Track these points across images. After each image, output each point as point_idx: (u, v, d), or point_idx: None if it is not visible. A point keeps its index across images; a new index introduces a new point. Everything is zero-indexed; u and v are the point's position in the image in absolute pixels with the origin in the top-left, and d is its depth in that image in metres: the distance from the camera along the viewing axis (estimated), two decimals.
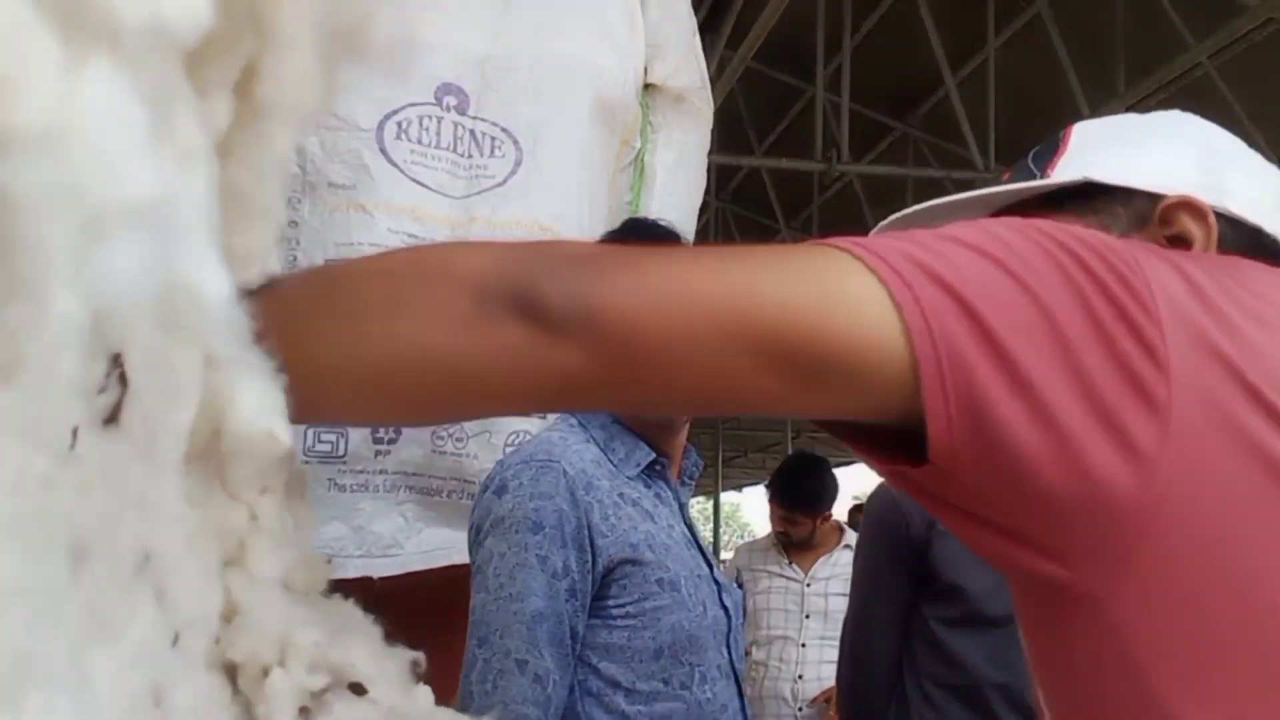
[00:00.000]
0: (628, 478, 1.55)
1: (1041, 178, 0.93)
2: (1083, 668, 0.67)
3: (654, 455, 1.59)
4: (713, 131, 2.11)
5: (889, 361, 0.61)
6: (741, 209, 12.36)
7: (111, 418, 0.56)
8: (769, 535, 3.92)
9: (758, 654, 3.91)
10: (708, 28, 8.01)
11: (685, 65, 2.20)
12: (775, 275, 0.62)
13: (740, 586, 4.25)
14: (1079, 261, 0.64)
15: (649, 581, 1.49)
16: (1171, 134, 0.95)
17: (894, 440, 0.67)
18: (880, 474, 0.72)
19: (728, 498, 34.21)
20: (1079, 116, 5.32)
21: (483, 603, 1.43)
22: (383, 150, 1.95)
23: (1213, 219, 0.85)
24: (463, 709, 1.38)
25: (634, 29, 2.13)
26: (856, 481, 11.68)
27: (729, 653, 1.56)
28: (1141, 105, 7.74)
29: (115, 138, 0.39)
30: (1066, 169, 0.92)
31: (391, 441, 1.87)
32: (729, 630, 1.56)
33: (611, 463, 1.54)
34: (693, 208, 2.25)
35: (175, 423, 0.59)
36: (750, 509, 46.21)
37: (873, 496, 2.34)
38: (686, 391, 0.64)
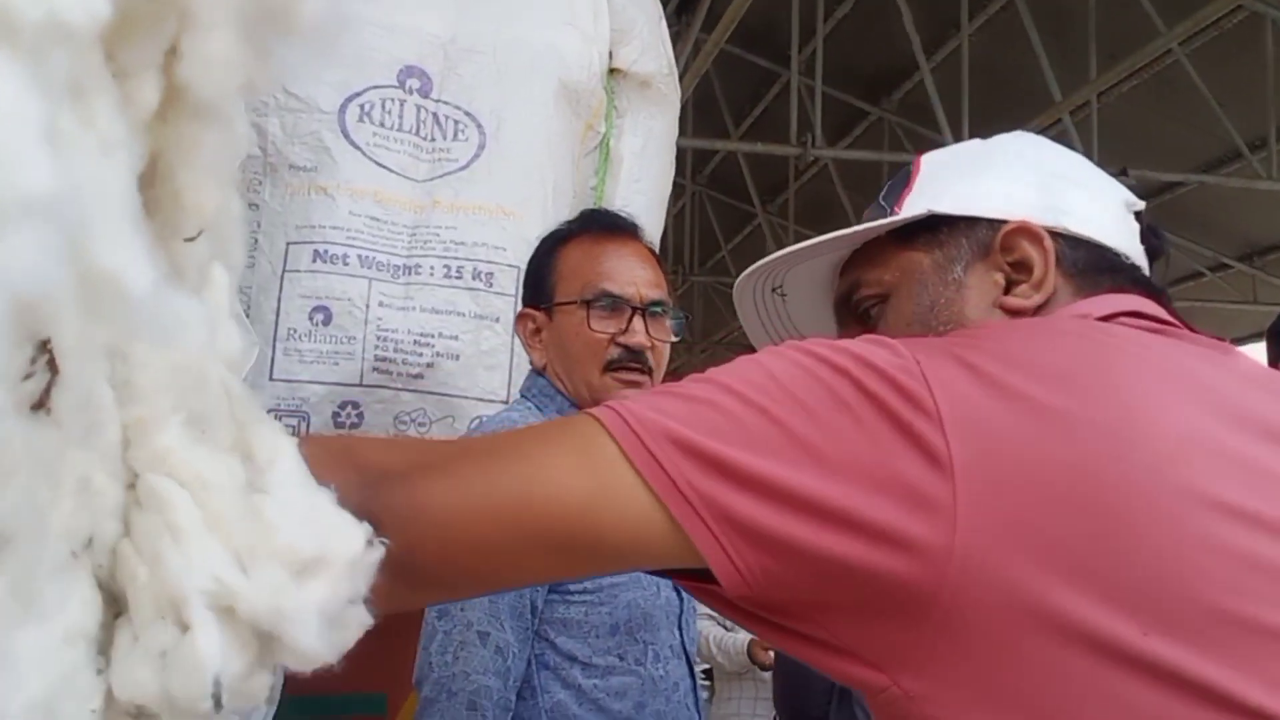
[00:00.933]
0: None
1: (891, 213, 0.92)
2: None
3: None
4: (689, 115, 2.12)
5: (656, 530, 0.66)
6: (718, 193, 12.36)
7: (40, 404, 0.56)
8: None
9: (742, 631, 3.95)
10: (682, 10, 8.01)
11: (651, 50, 2.20)
12: (545, 473, 0.67)
13: None
14: (851, 380, 0.66)
15: None
16: (1011, 159, 0.94)
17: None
18: (695, 594, 0.75)
19: None
20: (1051, 101, 5.36)
21: None
22: (344, 132, 1.95)
23: (1048, 242, 0.85)
24: (422, 679, 1.39)
25: (599, 13, 2.13)
26: None
27: (680, 634, 1.58)
28: (1114, 91, 7.79)
29: (9, 134, 0.39)
30: (914, 203, 0.92)
31: (354, 426, 1.87)
32: (680, 612, 1.58)
33: None
34: (661, 194, 2.25)
35: (109, 410, 0.59)
36: None
37: None
38: (478, 587, 0.74)
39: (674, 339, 1.62)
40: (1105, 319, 0.80)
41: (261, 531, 0.55)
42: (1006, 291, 0.86)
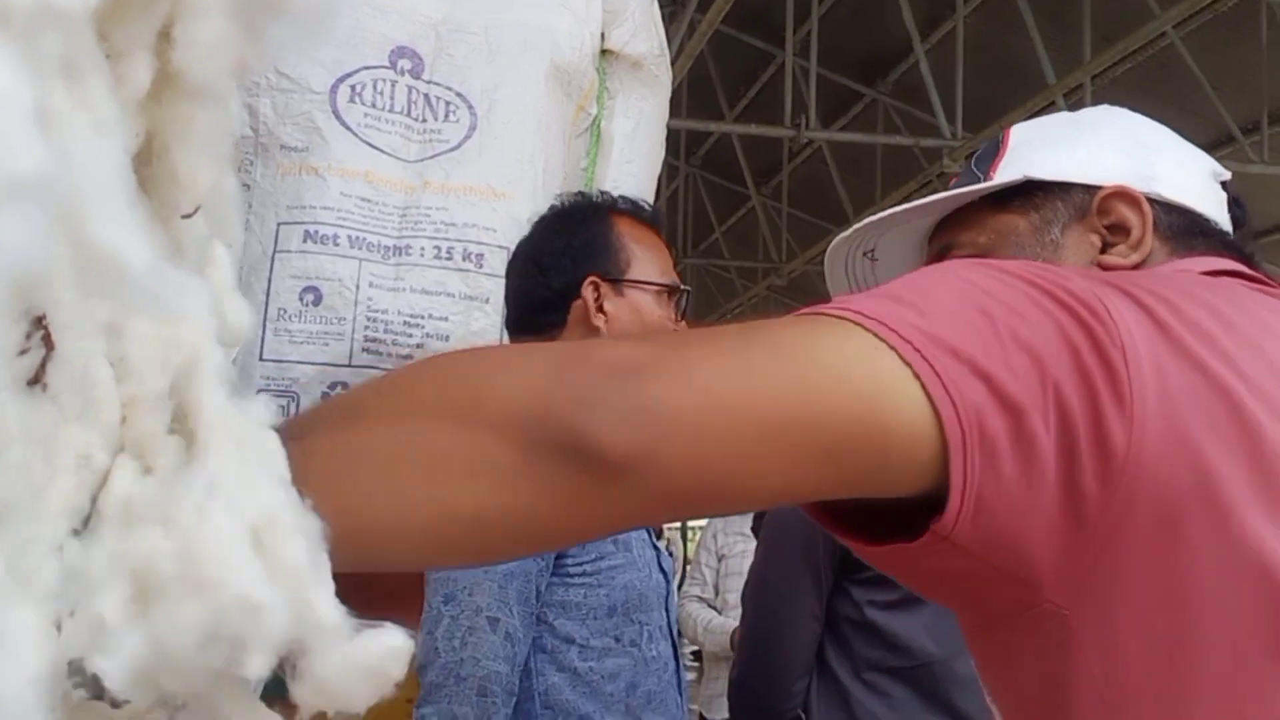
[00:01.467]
0: None
1: (985, 180, 0.97)
2: (1046, 687, 0.70)
3: None
4: (683, 96, 2.11)
5: (922, 445, 0.62)
6: (712, 175, 12.35)
7: (35, 379, 0.56)
8: None
9: (730, 614, 3.96)
10: None
11: (643, 31, 2.20)
12: (816, 372, 0.61)
13: (720, 558, 4.28)
14: (1057, 301, 0.67)
15: (605, 540, 1.51)
16: (1101, 128, 0.99)
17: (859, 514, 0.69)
18: (846, 543, 0.72)
19: None
20: (1046, 84, 5.35)
21: None
22: (336, 113, 1.95)
23: (1146, 206, 0.90)
24: (426, 664, 1.39)
25: None
26: None
27: (667, 614, 1.61)
28: (1108, 74, 7.79)
29: (1, 115, 0.40)
30: (1007, 170, 0.96)
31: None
32: (667, 594, 1.61)
33: None
34: (651, 176, 2.25)
35: (107, 386, 0.60)
36: None
37: None
38: (735, 503, 0.64)
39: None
40: (1208, 275, 0.84)
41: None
42: (1103, 251, 0.90)
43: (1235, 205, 1.01)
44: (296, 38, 1.96)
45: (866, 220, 1.02)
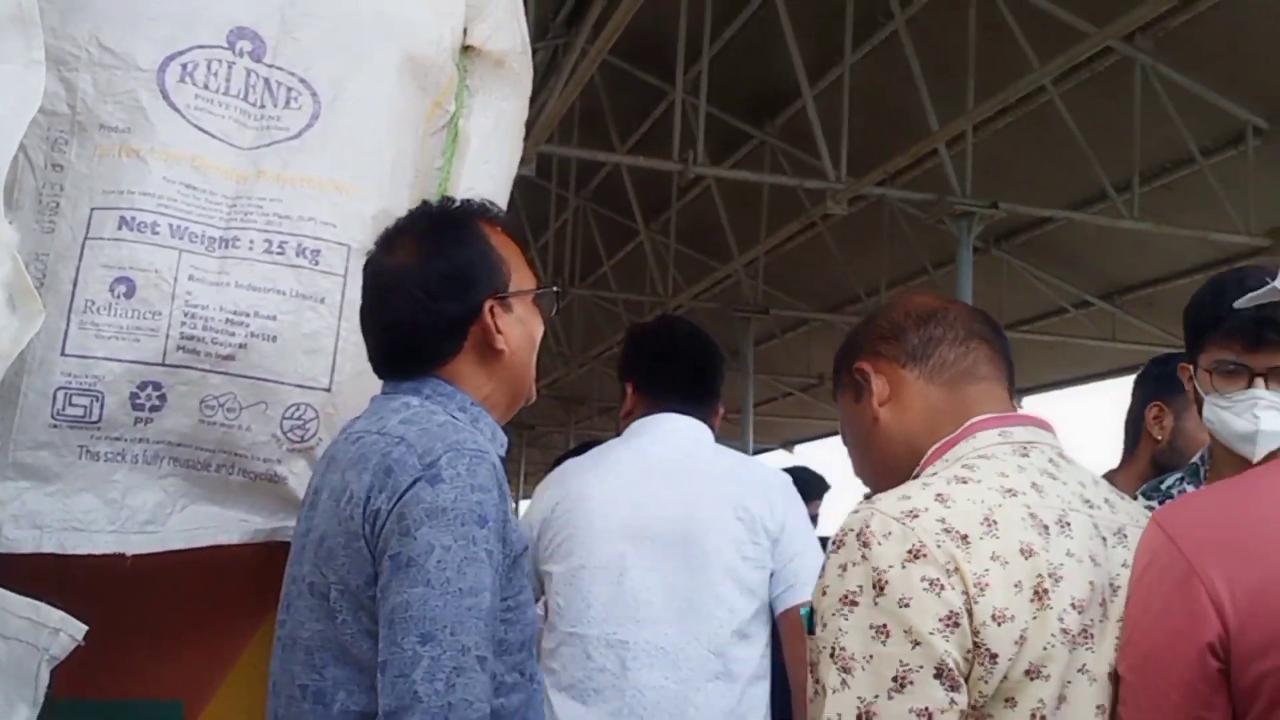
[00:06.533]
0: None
1: None
2: None
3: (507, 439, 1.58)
4: (575, 126, 2.00)
5: None
6: (602, 207, 12.31)
7: None
8: None
9: None
10: (572, 21, 7.93)
11: (506, 28, 2.09)
12: None
13: None
14: None
15: (521, 574, 1.48)
16: None
17: None
18: None
19: None
20: (929, 131, 5.45)
21: (423, 597, 1.30)
22: (163, 93, 1.79)
23: None
24: (400, 710, 1.25)
25: None
26: None
27: None
28: (989, 126, 7.98)
29: None
30: None
31: (155, 409, 1.71)
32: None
33: None
34: (508, 177, 2.14)
35: None
36: None
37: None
38: None
39: None
40: None
41: None
42: None
43: None
44: (123, 10, 1.80)
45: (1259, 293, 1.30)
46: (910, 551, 1.10)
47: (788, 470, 2.80)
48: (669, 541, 2.18)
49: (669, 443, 2.28)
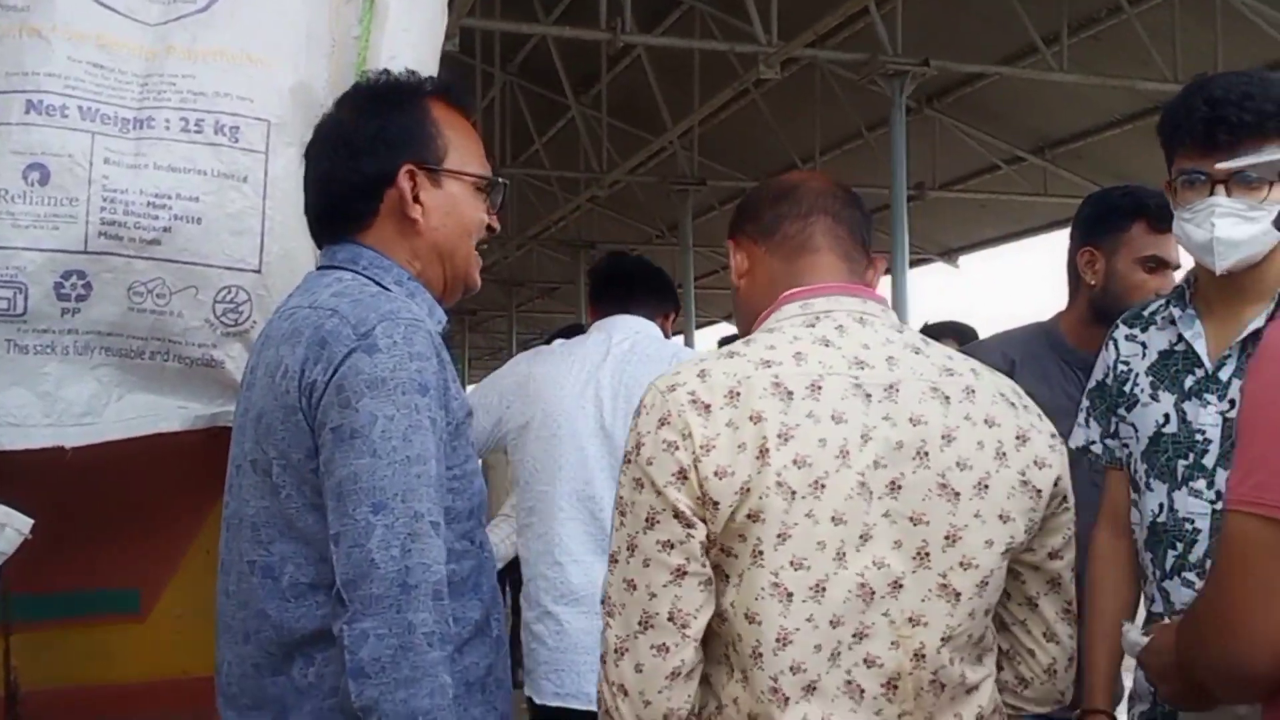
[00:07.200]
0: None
1: None
2: None
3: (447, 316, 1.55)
4: None
5: None
6: (530, 83, 12.06)
7: None
8: None
9: None
10: None
11: None
12: None
13: None
14: None
15: (467, 443, 1.47)
16: None
17: None
18: None
19: None
20: None
21: (370, 467, 1.30)
22: None
23: None
24: (358, 578, 1.26)
25: None
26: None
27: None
28: None
29: None
30: None
31: (81, 298, 1.67)
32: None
33: None
34: (433, 47, 2.07)
35: None
36: None
37: None
38: None
39: None
40: None
41: None
42: None
43: None
44: None
45: None
46: (660, 420, 1.32)
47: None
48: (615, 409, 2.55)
49: (621, 333, 2.69)
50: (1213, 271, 1.68)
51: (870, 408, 1.33)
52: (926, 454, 1.32)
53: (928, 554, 1.32)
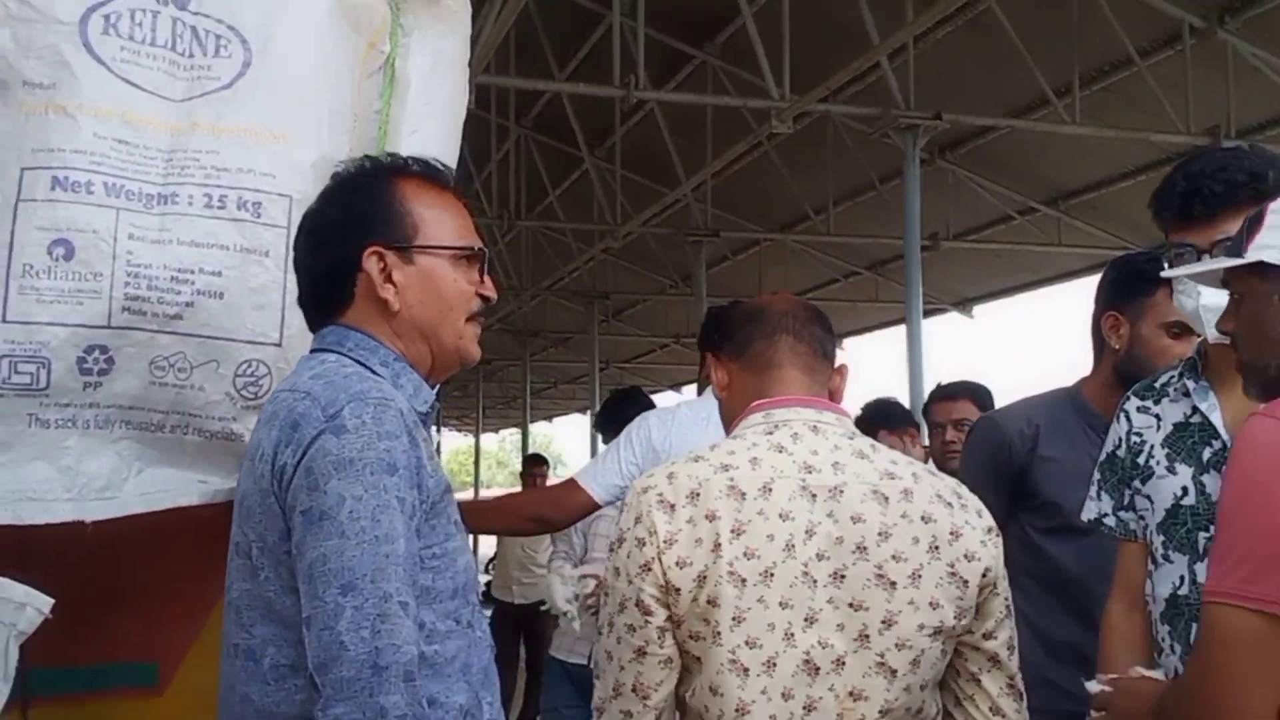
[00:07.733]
0: (418, 413, 1.48)
1: (1243, 253, 1.43)
2: None
3: (434, 395, 1.56)
4: (511, 54, 1.95)
5: None
6: (544, 136, 12.16)
7: None
8: None
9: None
10: None
11: None
12: None
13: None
14: None
15: (449, 522, 1.47)
16: None
17: None
18: None
19: (539, 429, 34.23)
20: (870, 45, 5.38)
21: (339, 548, 1.30)
22: (87, 46, 1.74)
23: None
24: (329, 661, 1.25)
25: None
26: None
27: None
28: (930, 36, 7.94)
29: None
30: (1259, 248, 1.40)
31: (103, 373, 1.68)
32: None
33: None
34: (454, 119, 2.09)
35: None
36: (563, 440, 46.42)
37: (979, 421, 2.86)
38: None
39: None
40: None
41: None
42: None
43: None
44: None
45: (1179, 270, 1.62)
46: (635, 518, 1.53)
47: (876, 402, 4.02)
48: None
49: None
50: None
51: (815, 506, 1.52)
52: (865, 548, 1.50)
53: (867, 636, 1.49)
